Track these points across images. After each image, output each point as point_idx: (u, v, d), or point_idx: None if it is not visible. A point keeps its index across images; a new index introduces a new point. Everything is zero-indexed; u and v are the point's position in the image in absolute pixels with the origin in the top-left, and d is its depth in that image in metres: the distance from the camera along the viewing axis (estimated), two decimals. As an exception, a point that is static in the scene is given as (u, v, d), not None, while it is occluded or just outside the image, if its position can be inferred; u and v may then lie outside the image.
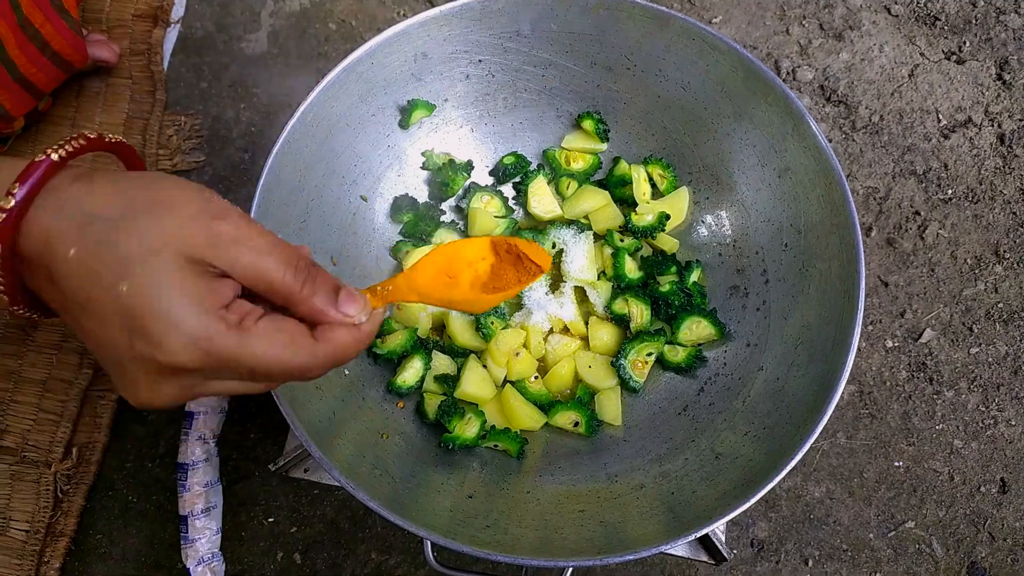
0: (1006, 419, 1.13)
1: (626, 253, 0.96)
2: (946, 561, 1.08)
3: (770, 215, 0.91)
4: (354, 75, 0.87)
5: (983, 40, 1.32)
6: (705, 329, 0.93)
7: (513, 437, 0.88)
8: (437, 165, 0.99)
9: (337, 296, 0.52)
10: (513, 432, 0.89)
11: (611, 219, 0.99)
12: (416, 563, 1.06)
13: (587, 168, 1.02)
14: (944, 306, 1.19)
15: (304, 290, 0.50)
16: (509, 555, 0.70)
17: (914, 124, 1.28)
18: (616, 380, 0.93)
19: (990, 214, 1.23)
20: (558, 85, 0.98)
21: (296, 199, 0.86)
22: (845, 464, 1.11)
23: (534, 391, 0.92)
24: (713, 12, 1.35)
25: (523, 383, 0.93)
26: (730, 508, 0.71)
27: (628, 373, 0.92)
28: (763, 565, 1.07)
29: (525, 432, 0.91)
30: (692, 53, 0.89)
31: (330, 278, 0.53)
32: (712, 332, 0.93)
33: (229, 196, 1.22)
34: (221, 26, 1.33)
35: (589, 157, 1.02)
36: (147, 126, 1.23)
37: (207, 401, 1.05)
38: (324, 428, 0.76)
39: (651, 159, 0.99)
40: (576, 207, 0.99)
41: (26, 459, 1.05)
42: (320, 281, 0.51)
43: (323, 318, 0.51)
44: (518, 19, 0.91)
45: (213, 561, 1.01)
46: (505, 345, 0.93)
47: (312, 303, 0.50)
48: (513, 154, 1.02)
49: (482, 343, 0.94)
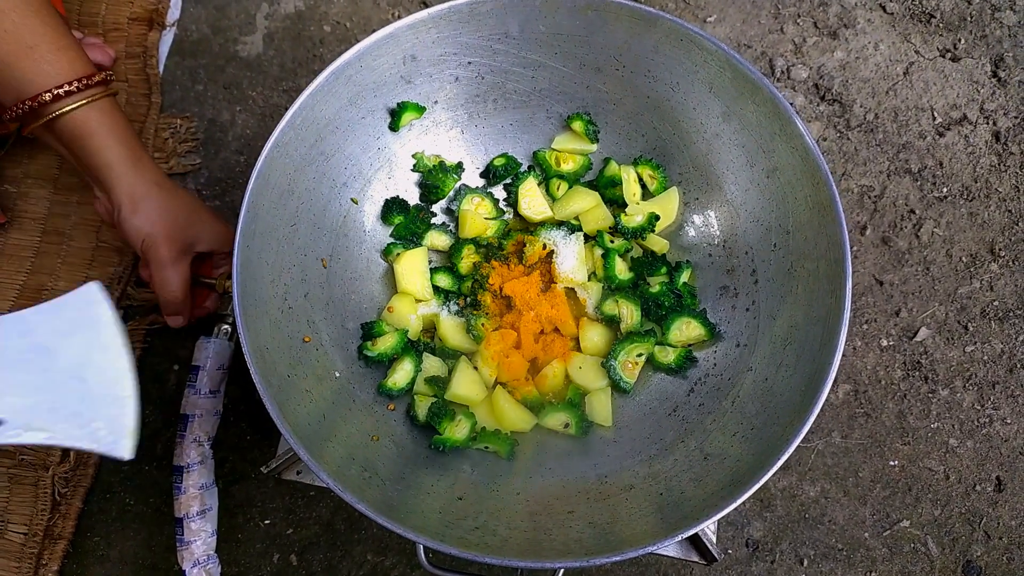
0: (1001, 417, 1.13)
1: (616, 254, 0.96)
2: (941, 560, 1.08)
3: (759, 215, 0.91)
4: (343, 78, 0.87)
5: (978, 37, 1.32)
6: (695, 330, 0.93)
7: (504, 438, 0.89)
8: (428, 167, 0.99)
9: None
10: (504, 433, 0.89)
11: (601, 220, 0.99)
12: (412, 564, 1.07)
13: (577, 169, 1.02)
14: (939, 304, 1.18)
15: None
16: (497, 557, 0.70)
17: (909, 122, 1.27)
18: (607, 381, 0.93)
19: (985, 212, 1.22)
20: (547, 86, 0.98)
21: (286, 202, 0.86)
22: (840, 463, 1.11)
23: (524, 393, 0.93)
24: (708, 11, 1.34)
25: (515, 384, 0.94)
26: (718, 508, 0.71)
27: (618, 374, 0.92)
28: (758, 565, 1.07)
29: (515, 433, 0.91)
30: (680, 54, 0.90)
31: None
32: (702, 333, 0.93)
33: (225, 199, 1.23)
34: (217, 29, 1.34)
35: (579, 158, 1.02)
36: (143, 129, 1.24)
37: (203, 404, 1.05)
38: (314, 431, 0.77)
39: (641, 160, 0.99)
40: (566, 208, 0.99)
41: (24, 462, 1.06)
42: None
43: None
44: (507, 21, 0.91)
45: (209, 563, 1.02)
46: (495, 347, 0.93)
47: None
48: (503, 155, 1.02)
49: (473, 345, 0.94)
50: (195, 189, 1.24)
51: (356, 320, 0.94)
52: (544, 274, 0.98)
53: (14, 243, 1.17)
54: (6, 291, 1.14)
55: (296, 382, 0.80)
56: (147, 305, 1.15)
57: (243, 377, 1.12)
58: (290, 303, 0.86)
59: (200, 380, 1.05)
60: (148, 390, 1.13)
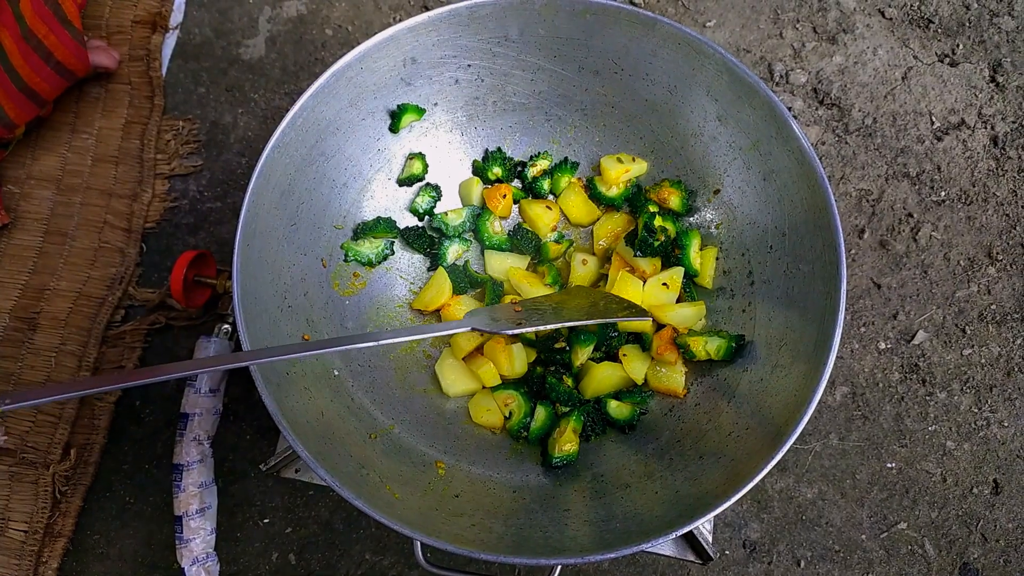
0: (999, 420, 1.13)
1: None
2: (938, 562, 1.08)
3: (755, 217, 0.91)
4: (344, 80, 0.88)
5: (976, 43, 1.32)
6: (719, 345, 0.89)
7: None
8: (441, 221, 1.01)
9: None
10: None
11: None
12: (409, 563, 1.07)
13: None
14: (937, 308, 1.19)
15: None
16: (494, 553, 0.71)
17: (907, 126, 1.28)
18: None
19: (983, 216, 1.23)
20: (546, 89, 0.99)
21: (286, 202, 0.87)
22: (837, 465, 1.12)
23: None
24: (707, 16, 1.35)
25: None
26: (711, 508, 0.72)
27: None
28: (755, 566, 1.08)
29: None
30: (678, 57, 0.90)
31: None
32: (725, 349, 0.89)
33: (226, 200, 1.24)
34: (219, 32, 1.35)
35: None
36: (145, 131, 1.25)
37: (202, 403, 1.06)
38: (312, 428, 0.77)
39: (669, 182, 0.98)
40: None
41: (25, 460, 1.07)
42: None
43: None
44: (506, 24, 0.92)
45: (208, 561, 1.03)
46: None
47: None
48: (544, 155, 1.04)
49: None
50: (197, 190, 1.25)
51: (355, 319, 0.95)
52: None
53: (17, 243, 1.18)
54: (9, 291, 1.15)
55: (295, 380, 0.81)
56: (147, 305, 1.16)
57: (242, 377, 1.13)
58: (290, 302, 0.86)
59: (200, 379, 1.06)
60: (148, 389, 1.13)
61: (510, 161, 1.02)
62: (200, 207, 1.24)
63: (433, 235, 1.00)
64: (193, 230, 1.22)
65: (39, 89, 1.11)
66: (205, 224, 1.23)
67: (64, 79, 1.15)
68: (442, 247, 0.99)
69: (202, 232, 1.22)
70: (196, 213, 1.23)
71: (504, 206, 1.00)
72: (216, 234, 1.22)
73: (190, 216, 1.23)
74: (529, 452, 0.91)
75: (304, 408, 0.79)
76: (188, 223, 1.23)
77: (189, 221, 1.23)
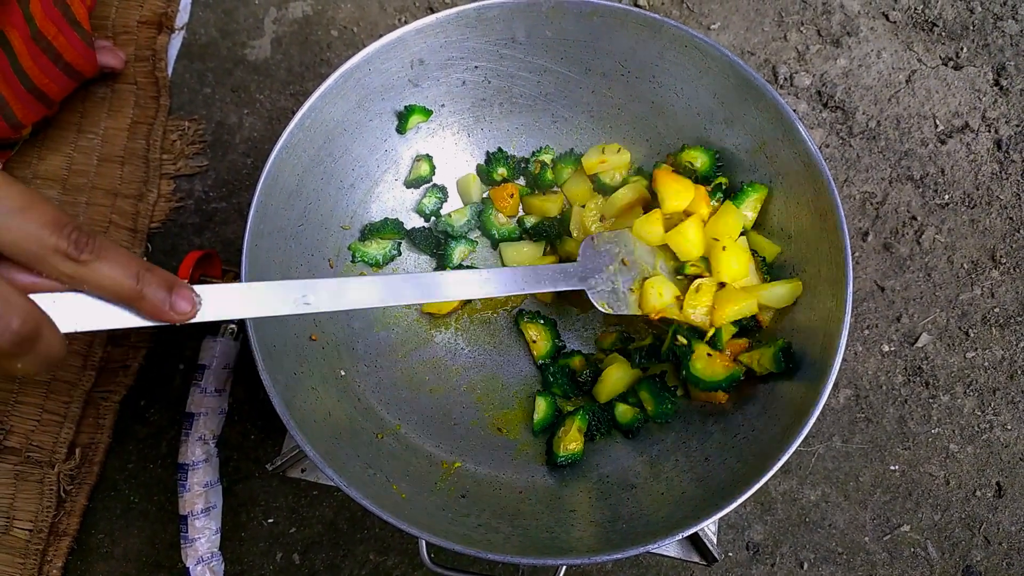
0: (1002, 423, 1.14)
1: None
2: (941, 565, 1.08)
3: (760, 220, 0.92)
4: (352, 81, 0.88)
5: (980, 46, 1.33)
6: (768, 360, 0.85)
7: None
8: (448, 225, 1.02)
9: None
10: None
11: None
12: (414, 564, 1.07)
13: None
14: (940, 311, 1.19)
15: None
16: (500, 554, 0.71)
17: (911, 129, 1.28)
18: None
19: (987, 219, 1.23)
20: (553, 91, 0.99)
21: (294, 202, 0.87)
22: (841, 468, 1.12)
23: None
24: (712, 18, 1.36)
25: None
26: (717, 509, 0.72)
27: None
28: (758, 568, 1.08)
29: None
30: (684, 60, 0.90)
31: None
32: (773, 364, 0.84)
33: (232, 200, 1.24)
34: (225, 32, 1.35)
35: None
36: (151, 131, 1.25)
37: (208, 402, 1.06)
38: (319, 428, 0.78)
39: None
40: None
41: (30, 459, 1.07)
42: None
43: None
44: (513, 26, 0.92)
45: (212, 561, 1.03)
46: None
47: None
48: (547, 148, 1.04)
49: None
50: (202, 191, 1.25)
51: (361, 319, 0.95)
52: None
53: (23, 242, 1.18)
54: (15, 289, 1.15)
55: (302, 380, 0.81)
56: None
57: (248, 377, 1.13)
58: (297, 302, 0.86)
59: (206, 378, 1.06)
60: (154, 388, 1.14)
61: (513, 159, 1.02)
62: (205, 207, 1.24)
63: (440, 236, 1.01)
64: (199, 230, 1.23)
65: (47, 90, 1.11)
66: (211, 224, 1.23)
67: (72, 80, 1.15)
68: (448, 248, 0.99)
69: (207, 232, 1.23)
70: (201, 213, 1.24)
71: (512, 206, 1.01)
72: (221, 234, 1.23)
73: (195, 216, 1.23)
74: (535, 452, 0.91)
75: (311, 408, 0.79)
76: (193, 223, 1.23)
77: (194, 221, 1.23)
